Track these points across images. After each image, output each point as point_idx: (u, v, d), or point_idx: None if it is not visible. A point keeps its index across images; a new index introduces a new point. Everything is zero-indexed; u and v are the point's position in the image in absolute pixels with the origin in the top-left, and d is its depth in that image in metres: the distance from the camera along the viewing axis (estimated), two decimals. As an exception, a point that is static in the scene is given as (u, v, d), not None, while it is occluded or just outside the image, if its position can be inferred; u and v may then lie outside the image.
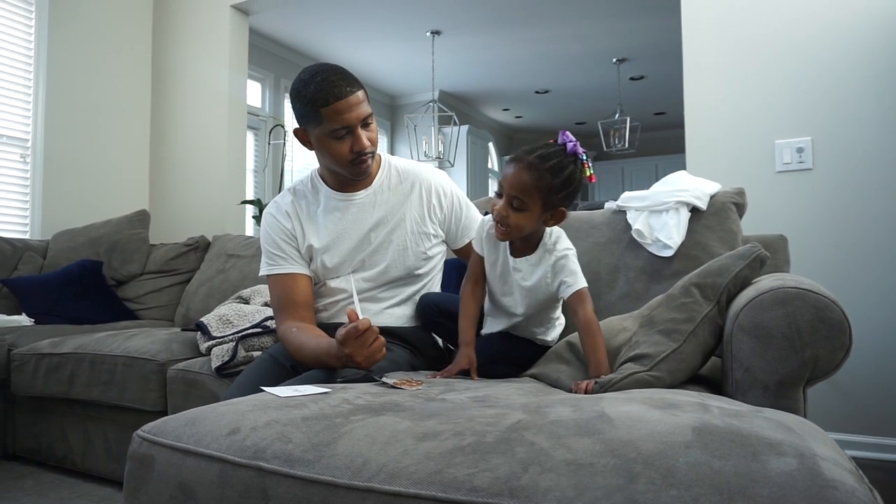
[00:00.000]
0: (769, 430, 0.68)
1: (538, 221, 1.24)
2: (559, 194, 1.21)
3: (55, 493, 1.96)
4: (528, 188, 1.19)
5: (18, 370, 2.17)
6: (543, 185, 1.19)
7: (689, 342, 1.11)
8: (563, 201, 1.23)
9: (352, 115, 1.32)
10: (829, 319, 1.00)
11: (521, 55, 6.02)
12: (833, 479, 0.57)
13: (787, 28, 2.31)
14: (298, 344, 1.34)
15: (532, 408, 0.83)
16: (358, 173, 1.42)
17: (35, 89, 3.23)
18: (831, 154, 2.25)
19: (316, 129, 1.35)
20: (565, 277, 1.25)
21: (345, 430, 0.77)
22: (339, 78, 1.32)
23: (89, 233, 3.01)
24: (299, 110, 1.36)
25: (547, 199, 1.20)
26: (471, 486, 0.63)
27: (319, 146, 1.39)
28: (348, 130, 1.34)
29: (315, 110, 1.31)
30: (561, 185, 1.20)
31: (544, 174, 1.19)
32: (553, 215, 1.24)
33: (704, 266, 1.22)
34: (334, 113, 1.31)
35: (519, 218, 1.21)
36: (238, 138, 3.60)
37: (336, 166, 1.42)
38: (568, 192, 1.22)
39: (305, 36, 5.56)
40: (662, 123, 8.25)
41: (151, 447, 0.83)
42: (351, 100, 1.32)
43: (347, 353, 1.14)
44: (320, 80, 1.31)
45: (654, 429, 0.69)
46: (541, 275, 1.28)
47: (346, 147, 1.35)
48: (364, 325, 1.12)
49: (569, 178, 1.21)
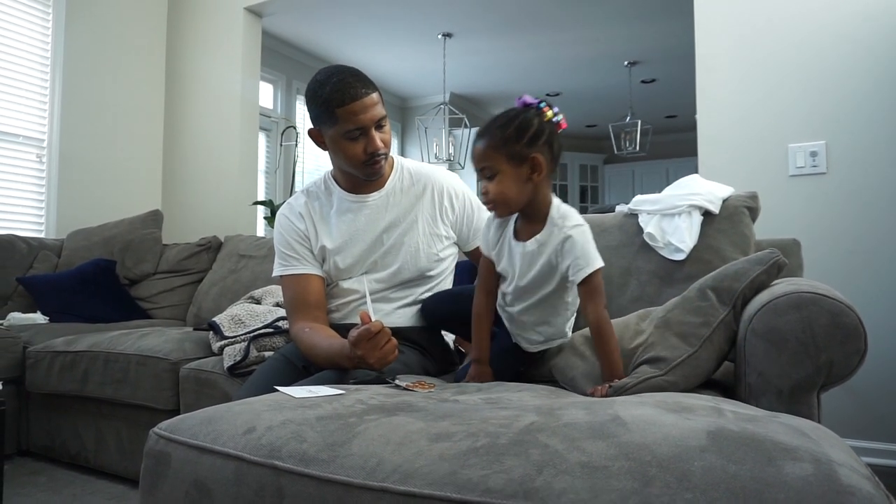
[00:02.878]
0: (784, 436, 0.68)
1: (519, 182, 1.17)
2: (519, 143, 1.15)
3: (68, 489, 1.98)
4: (486, 151, 1.17)
5: (33, 367, 2.19)
6: (496, 141, 1.16)
7: (704, 347, 1.10)
8: (527, 148, 1.15)
9: (366, 116, 1.34)
10: (844, 325, 0.99)
11: (532, 58, 6.02)
12: (850, 486, 0.57)
13: (800, 32, 2.30)
14: (311, 344, 1.35)
15: (545, 410, 0.84)
16: (371, 174, 1.43)
17: (51, 90, 3.27)
18: (846, 158, 2.23)
19: (331, 129, 1.37)
20: (576, 257, 1.16)
21: (359, 430, 0.77)
22: (354, 79, 1.34)
23: (103, 232, 3.04)
24: (314, 110, 1.38)
25: (510, 154, 1.15)
26: (485, 487, 0.63)
27: (333, 146, 1.41)
28: (362, 131, 1.35)
29: (331, 111, 1.33)
30: (516, 134, 1.15)
31: (494, 132, 1.17)
32: (533, 168, 1.16)
33: (721, 269, 1.21)
34: (349, 114, 1.32)
35: (496, 186, 1.16)
36: (250, 139, 3.63)
37: (349, 167, 1.43)
38: (530, 138, 1.15)
39: (317, 38, 5.59)
40: (674, 126, 8.22)
41: (168, 444, 0.84)
42: (366, 101, 1.33)
43: (360, 354, 1.14)
44: (336, 80, 1.33)
45: (668, 432, 0.69)
46: (550, 253, 1.19)
47: (359, 148, 1.37)
48: (376, 327, 1.12)
49: (522, 124, 1.16)
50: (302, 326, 1.40)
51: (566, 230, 1.18)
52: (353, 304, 1.50)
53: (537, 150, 1.16)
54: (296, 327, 1.43)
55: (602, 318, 1.16)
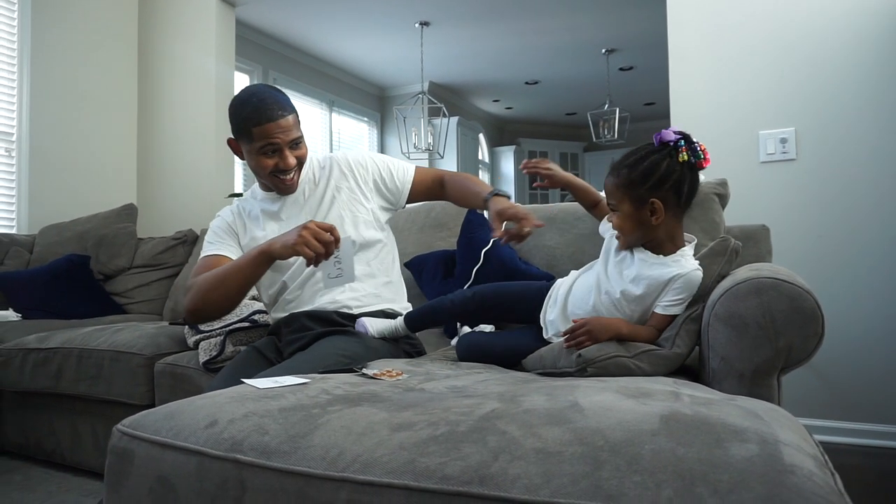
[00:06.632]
0: (736, 418, 0.70)
1: (638, 221, 1.20)
2: (643, 186, 1.18)
3: (44, 487, 1.97)
4: (612, 189, 1.23)
5: (5, 365, 2.16)
6: (622, 181, 1.21)
7: (675, 344, 1.14)
8: (651, 192, 1.18)
9: (280, 137, 1.44)
10: (802, 309, 1.01)
11: (510, 46, 6.01)
12: (792, 464, 0.59)
13: (770, 19, 2.32)
14: (214, 275, 1.40)
15: (508, 397, 0.85)
16: (282, 187, 1.53)
17: (19, 83, 3.20)
18: (815, 144, 2.26)
19: (247, 144, 1.47)
20: (677, 294, 1.18)
21: (321, 421, 0.78)
22: (273, 101, 1.44)
23: (76, 227, 3.00)
24: (235, 125, 1.48)
25: (633, 195, 1.20)
26: (442, 474, 0.64)
27: (249, 159, 1.51)
28: (275, 149, 1.45)
29: (248, 129, 1.44)
30: (641, 178, 1.19)
31: (622, 171, 1.22)
32: (652, 211, 1.18)
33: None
34: (264, 133, 1.43)
35: (617, 221, 1.23)
36: (226, 131, 3.58)
37: (263, 178, 1.53)
38: (654, 182, 1.18)
39: (293, 27, 5.53)
40: (652, 114, 8.27)
41: (131, 441, 0.84)
42: (281, 122, 1.44)
43: (301, 233, 1.24)
44: (256, 101, 1.43)
45: (623, 417, 0.70)
46: (656, 274, 1.20)
47: (272, 162, 1.47)
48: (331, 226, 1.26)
49: (648, 168, 1.19)
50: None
51: (683, 266, 1.19)
52: (310, 284, 1.53)
53: (660, 194, 1.18)
54: (191, 282, 1.45)
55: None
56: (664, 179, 1.18)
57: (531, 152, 9.02)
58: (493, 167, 8.93)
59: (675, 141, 1.19)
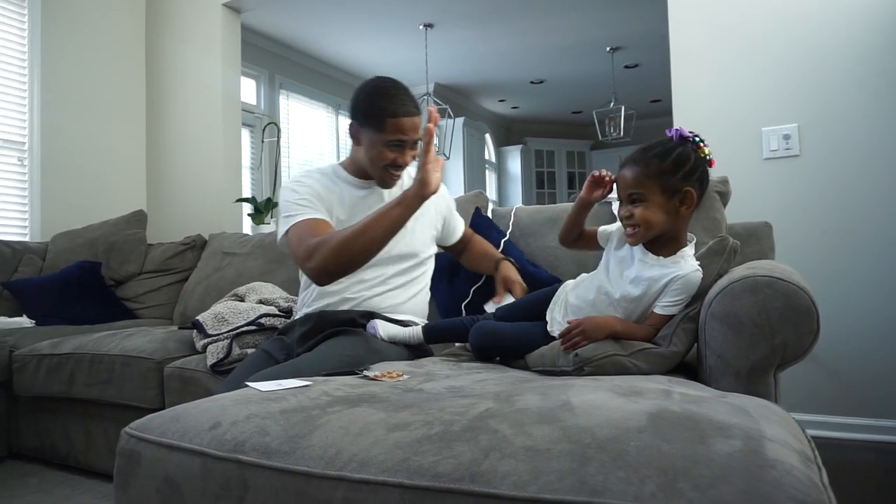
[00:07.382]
0: (723, 415, 0.71)
1: (667, 212, 1.19)
2: (676, 175, 1.18)
3: (59, 490, 2.01)
4: (640, 178, 1.20)
5: (20, 371, 2.21)
6: (653, 170, 1.19)
7: (672, 343, 1.15)
8: (683, 182, 1.18)
9: (410, 134, 1.49)
10: (797, 306, 1.02)
11: (515, 46, 6.01)
12: (774, 459, 0.60)
13: (772, 15, 2.32)
14: (348, 233, 1.34)
15: (503, 397, 0.87)
16: (388, 180, 1.57)
17: (30, 92, 3.26)
18: (818, 140, 2.26)
19: (374, 133, 1.50)
20: (676, 295, 1.19)
21: (321, 422, 0.80)
22: (409, 98, 1.50)
23: (87, 234, 3.05)
24: (365, 111, 1.49)
25: (665, 184, 1.18)
26: (434, 472, 0.66)
27: (368, 147, 1.52)
28: (401, 145, 1.50)
29: (382, 118, 1.46)
30: (673, 166, 1.19)
31: (651, 160, 1.20)
32: (683, 200, 1.19)
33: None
34: (398, 127, 1.47)
35: (643, 212, 1.19)
36: (233, 136, 3.63)
37: (372, 168, 1.55)
38: (686, 172, 1.19)
39: (298, 32, 5.57)
40: (658, 111, 8.22)
41: (138, 443, 0.86)
42: (415, 120, 1.49)
43: (421, 176, 1.30)
44: (394, 94, 1.47)
45: (611, 416, 0.72)
46: (656, 276, 1.20)
47: (391, 155, 1.51)
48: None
49: (679, 158, 1.19)
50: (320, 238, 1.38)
51: (684, 267, 1.20)
52: (363, 285, 1.57)
53: (691, 184, 1.20)
54: (316, 242, 1.37)
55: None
56: (694, 170, 1.20)
57: (538, 151, 9.01)
58: (500, 167, 8.94)
59: (693, 137, 1.22)
